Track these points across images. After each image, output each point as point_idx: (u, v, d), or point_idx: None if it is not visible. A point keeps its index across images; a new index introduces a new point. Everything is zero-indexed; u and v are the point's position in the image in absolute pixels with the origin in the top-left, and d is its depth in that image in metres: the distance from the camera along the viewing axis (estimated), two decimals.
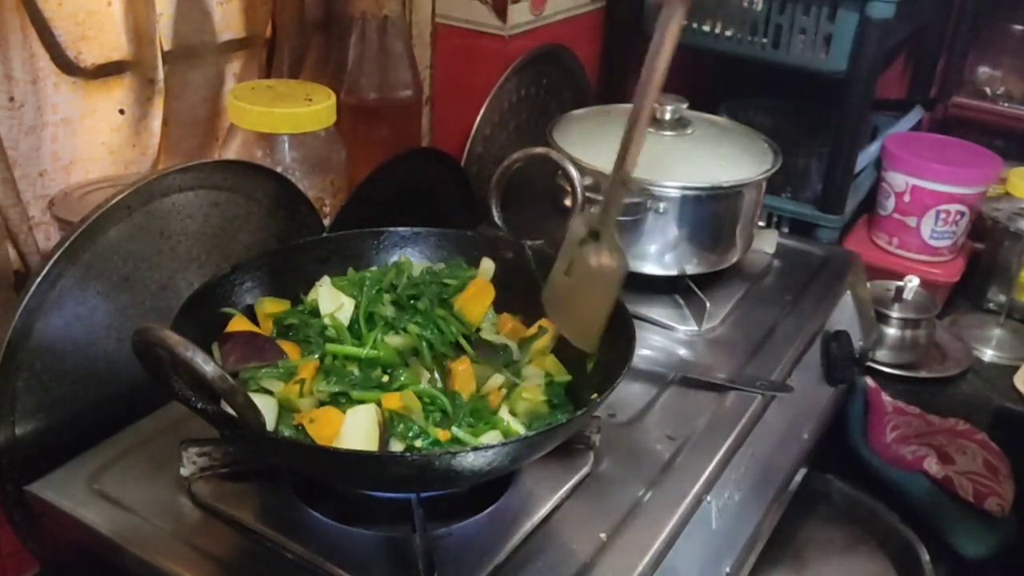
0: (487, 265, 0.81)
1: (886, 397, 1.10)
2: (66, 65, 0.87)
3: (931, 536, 0.94)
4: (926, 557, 0.92)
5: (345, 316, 0.74)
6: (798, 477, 0.96)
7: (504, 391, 0.71)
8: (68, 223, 0.83)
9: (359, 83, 1.07)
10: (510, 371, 0.73)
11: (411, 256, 0.84)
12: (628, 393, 0.84)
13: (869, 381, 1.11)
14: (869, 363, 1.17)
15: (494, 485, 0.70)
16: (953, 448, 1.02)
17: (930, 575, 0.90)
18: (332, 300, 0.74)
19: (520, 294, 0.80)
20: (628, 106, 1.07)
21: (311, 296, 0.76)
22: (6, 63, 0.82)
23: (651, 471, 0.75)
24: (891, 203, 1.37)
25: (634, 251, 0.97)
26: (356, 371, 0.69)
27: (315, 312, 0.74)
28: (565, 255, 0.76)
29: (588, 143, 0.98)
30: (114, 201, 0.73)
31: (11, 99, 0.83)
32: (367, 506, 0.68)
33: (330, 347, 0.71)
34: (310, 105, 0.92)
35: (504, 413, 0.67)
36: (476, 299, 0.78)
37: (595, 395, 0.68)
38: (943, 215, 1.33)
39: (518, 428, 0.67)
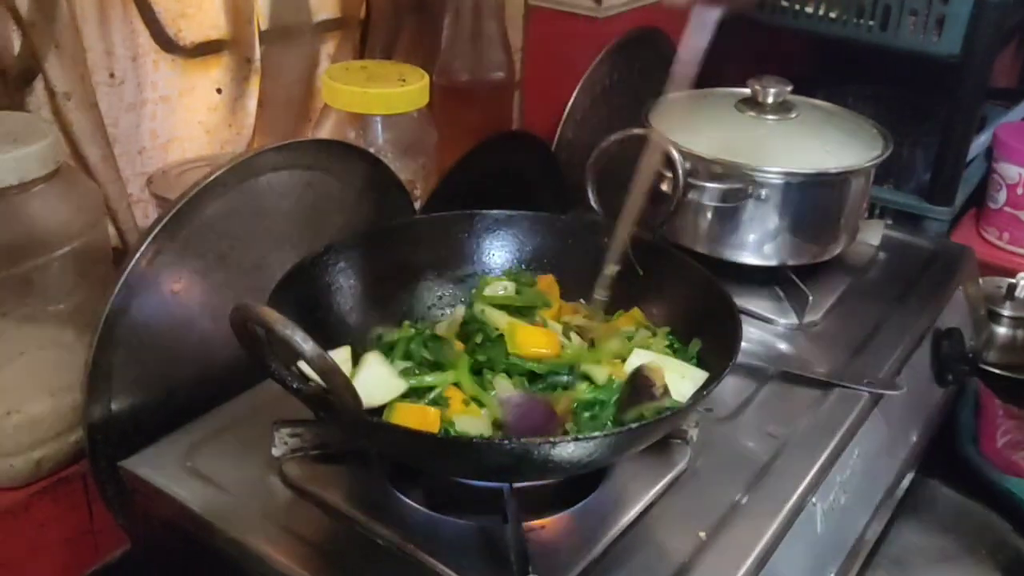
0: None
1: (997, 400, 1.04)
2: (166, 43, 0.88)
3: None
4: None
5: None
6: (905, 482, 0.91)
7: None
8: (166, 200, 0.84)
9: (452, 64, 1.06)
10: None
11: (503, 240, 0.82)
12: (726, 387, 0.80)
13: (979, 383, 1.05)
14: (979, 364, 1.11)
15: (588, 478, 0.68)
16: None
17: None
18: None
19: (616, 281, 0.77)
20: (728, 90, 1.05)
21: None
22: (107, 39, 0.83)
23: (751, 469, 0.72)
24: (1003, 195, 1.30)
25: (732, 240, 0.94)
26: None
27: None
28: None
29: (687, 127, 0.95)
30: (210, 179, 0.73)
31: (112, 75, 0.84)
32: (459, 494, 0.66)
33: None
34: (403, 86, 0.91)
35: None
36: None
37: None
38: None
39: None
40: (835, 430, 0.77)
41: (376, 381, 0.64)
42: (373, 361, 0.65)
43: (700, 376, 0.68)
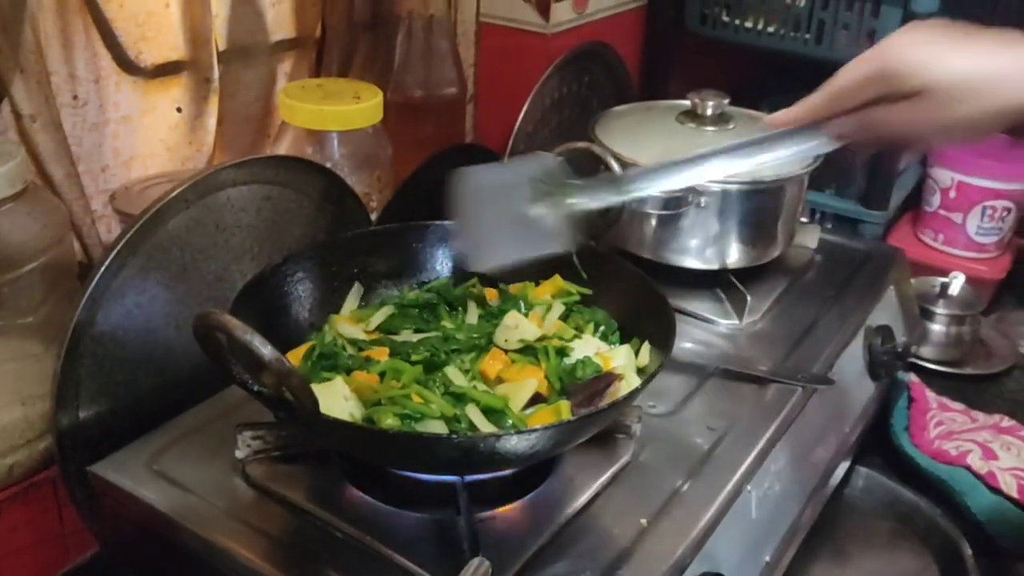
0: None
1: (930, 393, 1.09)
2: (127, 65, 0.90)
3: (973, 531, 0.94)
4: (968, 552, 0.91)
5: None
6: (840, 471, 0.96)
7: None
8: (129, 216, 0.87)
9: (405, 81, 1.10)
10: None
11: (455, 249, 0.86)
12: (668, 385, 0.85)
13: (913, 377, 1.11)
14: (913, 359, 1.17)
15: (536, 472, 0.72)
16: (998, 444, 1.01)
17: (972, 570, 0.89)
18: None
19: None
20: (670, 102, 1.10)
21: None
22: (70, 63, 0.86)
23: (691, 461, 0.76)
24: (936, 199, 1.36)
25: (675, 245, 0.99)
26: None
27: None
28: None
29: (630, 138, 1.00)
30: (172, 195, 0.76)
31: (75, 97, 0.87)
32: (414, 489, 0.70)
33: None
34: (358, 103, 0.94)
35: None
36: None
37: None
38: (989, 211, 1.32)
39: None
40: (770, 422, 0.82)
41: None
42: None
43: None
